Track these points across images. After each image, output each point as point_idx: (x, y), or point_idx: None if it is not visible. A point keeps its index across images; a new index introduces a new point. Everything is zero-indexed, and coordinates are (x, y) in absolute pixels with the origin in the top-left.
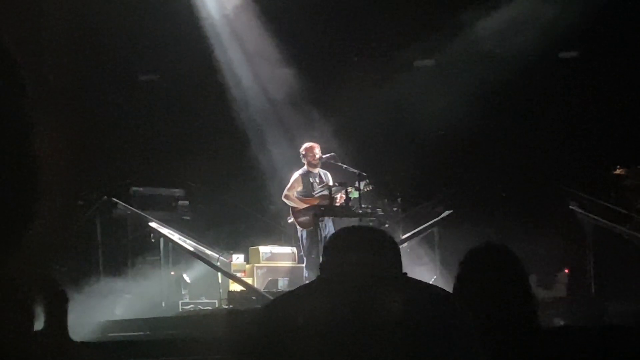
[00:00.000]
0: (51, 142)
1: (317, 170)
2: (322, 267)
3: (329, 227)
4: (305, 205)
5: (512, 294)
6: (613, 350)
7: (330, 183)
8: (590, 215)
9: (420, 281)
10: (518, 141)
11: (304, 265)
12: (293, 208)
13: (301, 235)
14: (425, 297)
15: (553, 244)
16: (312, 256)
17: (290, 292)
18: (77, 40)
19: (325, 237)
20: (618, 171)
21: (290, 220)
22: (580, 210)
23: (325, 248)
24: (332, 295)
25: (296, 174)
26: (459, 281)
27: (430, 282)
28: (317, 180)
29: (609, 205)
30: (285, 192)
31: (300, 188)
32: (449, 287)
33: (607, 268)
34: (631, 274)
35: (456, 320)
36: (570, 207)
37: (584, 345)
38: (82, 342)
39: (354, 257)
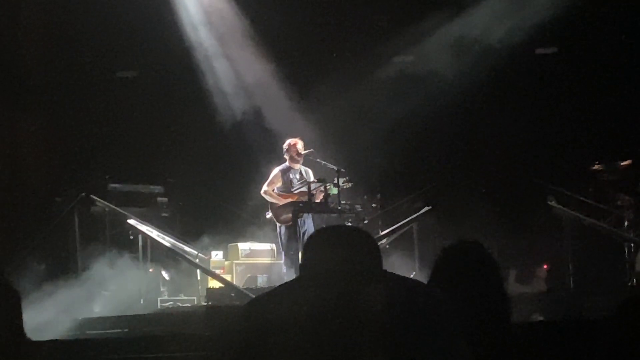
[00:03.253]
0: (29, 139)
1: (298, 166)
2: (302, 266)
3: (307, 223)
4: (284, 201)
5: (485, 292)
6: (591, 345)
7: (311, 180)
8: (569, 210)
9: (400, 275)
10: (496, 137)
11: (282, 261)
12: (272, 204)
13: (280, 232)
14: (406, 290)
15: (532, 240)
16: (291, 252)
17: (271, 290)
18: (54, 37)
19: (304, 233)
20: (596, 167)
21: (269, 215)
22: (558, 206)
23: (304, 247)
24: (313, 292)
25: (276, 170)
26: (433, 279)
27: None
28: (298, 177)
29: (587, 200)
30: (264, 187)
31: (279, 184)
32: None
33: (586, 263)
34: (609, 269)
35: (437, 311)
36: (548, 202)
37: (563, 340)
38: (38, 341)
39: (334, 255)
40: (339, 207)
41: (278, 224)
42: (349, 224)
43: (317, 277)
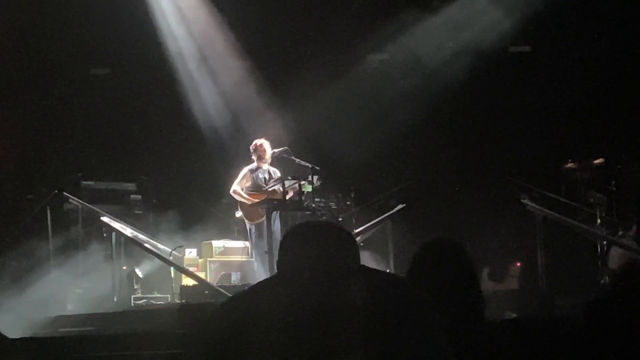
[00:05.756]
0: (1, 136)
1: (266, 166)
2: (279, 263)
3: (276, 221)
4: (253, 201)
5: (460, 289)
6: (563, 342)
7: None
8: (542, 208)
9: (378, 270)
10: (469, 135)
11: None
12: (242, 203)
13: (249, 230)
14: (385, 284)
15: (505, 237)
16: (262, 251)
17: (248, 288)
18: (27, 33)
19: (274, 231)
20: (569, 165)
21: (239, 214)
22: (531, 204)
23: (281, 245)
24: (292, 289)
25: (245, 170)
26: (410, 276)
27: None
28: (267, 176)
29: (560, 198)
30: (233, 186)
31: (248, 184)
32: None
33: (558, 261)
34: (582, 267)
35: (418, 305)
36: (521, 200)
37: (535, 337)
38: (16, 339)
39: (312, 251)
40: (313, 205)
41: (248, 223)
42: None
43: (296, 274)
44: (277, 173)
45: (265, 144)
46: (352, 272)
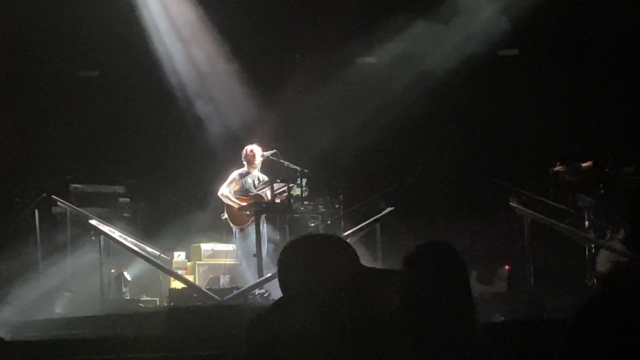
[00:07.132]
0: None
1: (255, 172)
2: (283, 285)
3: (264, 225)
4: (241, 204)
5: (452, 291)
6: (552, 345)
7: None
8: (530, 211)
9: (395, 270)
10: (458, 138)
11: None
12: (229, 206)
13: (235, 233)
14: (414, 282)
15: (493, 240)
16: (253, 254)
17: (270, 307)
18: (13, 36)
19: (261, 234)
20: (557, 168)
21: (225, 217)
22: (520, 207)
23: (279, 265)
24: (318, 303)
25: (234, 173)
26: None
27: None
28: (256, 182)
29: (548, 201)
30: (223, 189)
31: (237, 187)
32: None
33: (546, 264)
34: (570, 270)
35: (447, 295)
36: (510, 203)
37: (523, 340)
38: (15, 341)
39: (316, 263)
40: (302, 208)
41: (233, 227)
42: (312, 224)
43: (312, 289)
44: (265, 179)
45: (256, 150)
46: (372, 277)
